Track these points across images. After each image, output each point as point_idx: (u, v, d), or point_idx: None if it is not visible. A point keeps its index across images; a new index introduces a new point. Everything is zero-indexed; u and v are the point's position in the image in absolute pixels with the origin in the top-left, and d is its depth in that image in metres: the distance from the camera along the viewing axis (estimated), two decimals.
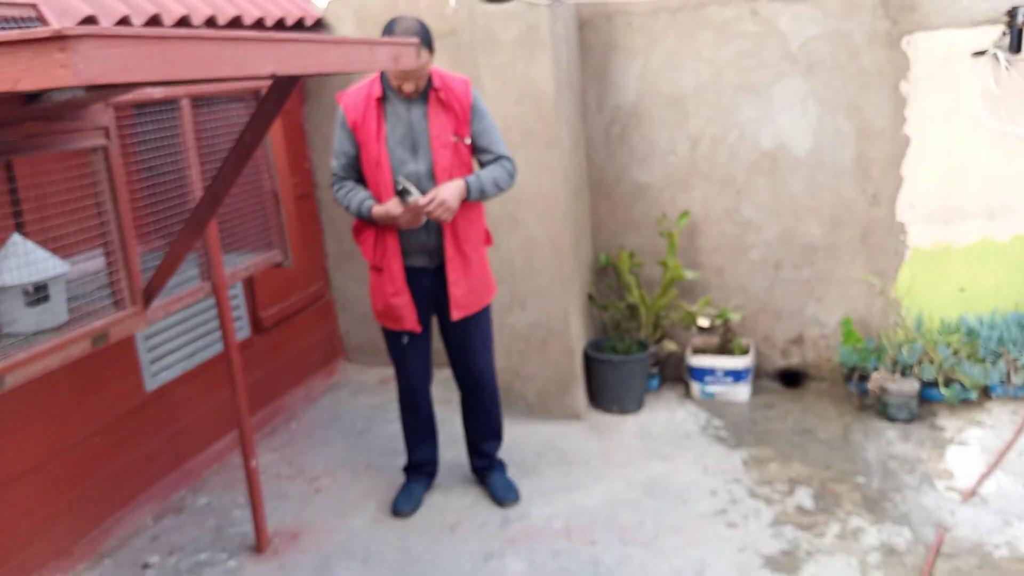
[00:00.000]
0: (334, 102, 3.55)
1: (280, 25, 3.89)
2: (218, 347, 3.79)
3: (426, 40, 2.70)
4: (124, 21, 2.90)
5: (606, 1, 3.95)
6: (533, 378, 3.91)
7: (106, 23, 2.81)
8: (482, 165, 2.99)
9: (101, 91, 1.98)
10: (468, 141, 2.91)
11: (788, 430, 3.68)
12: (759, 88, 3.88)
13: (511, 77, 3.59)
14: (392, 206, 2.78)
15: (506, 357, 3.92)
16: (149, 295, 2.43)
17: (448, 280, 2.93)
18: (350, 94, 2.89)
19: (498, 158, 2.97)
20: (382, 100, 2.85)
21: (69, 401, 3.04)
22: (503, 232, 3.78)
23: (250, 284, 4.04)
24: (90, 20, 2.75)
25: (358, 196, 2.89)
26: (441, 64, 4.06)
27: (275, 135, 3.13)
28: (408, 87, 2.75)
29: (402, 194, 2.73)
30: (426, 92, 2.84)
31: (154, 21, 3.06)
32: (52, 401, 2.96)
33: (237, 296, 3.95)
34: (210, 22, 3.41)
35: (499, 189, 2.94)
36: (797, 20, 3.78)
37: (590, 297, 4.14)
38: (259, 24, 3.72)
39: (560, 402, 3.90)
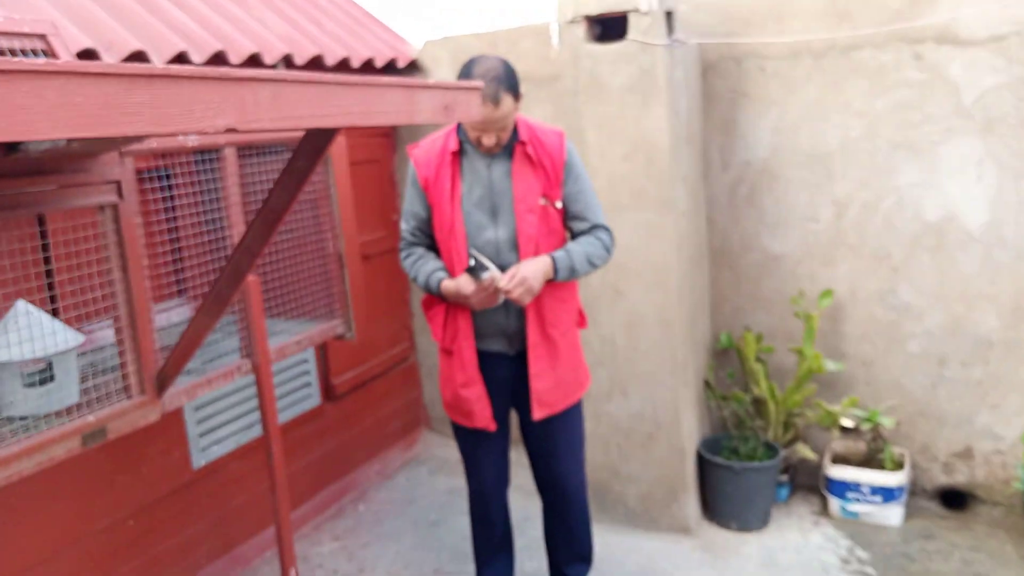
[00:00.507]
0: None
1: (368, 67, 3.55)
2: (279, 418, 3.41)
3: (509, 84, 2.23)
4: (180, 58, 2.58)
5: (735, 42, 3.39)
6: (634, 480, 3.32)
7: (157, 61, 2.49)
8: (573, 235, 2.49)
9: (94, 141, 1.61)
10: (559, 205, 2.42)
11: (954, 573, 2.93)
12: (923, 147, 3.21)
13: (620, 129, 3.08)
14: (463, 283, 2.31)
15: (603, 453, 3.35)
16: (164, 380, 2.03)
17: (530, 372, 2.42)
18: (423, 147, 2.46)
19: (593, 228, 2.46)
20: (459, 154, 2.40)
21: (99, 479, 2.70)
22: (604, 306, 3.24)
23: (323, 347, 3.66)
24: (138, 56, 2.44)
25: (427, 267, 2.44)
26: (542, 115, 3.61)
27: (344, 189, 2.73)
28: (487, 140, 2.28)
29: (473, 270, 2.25)
30: (511, 146, 2.38)
31: (218, 59, 2.75)
32: (77, 478, 2.62)
33: (307, 361, 3.58)
34: (287, 61, 3.09)
35: (592, 267, 2.43)
36: (972, 67, 3.10)
37: (707, 385, 3.53)
38: (343, 65, 3.38)
39: (666, 511, 3.29)
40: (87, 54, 2.29)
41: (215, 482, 3.14)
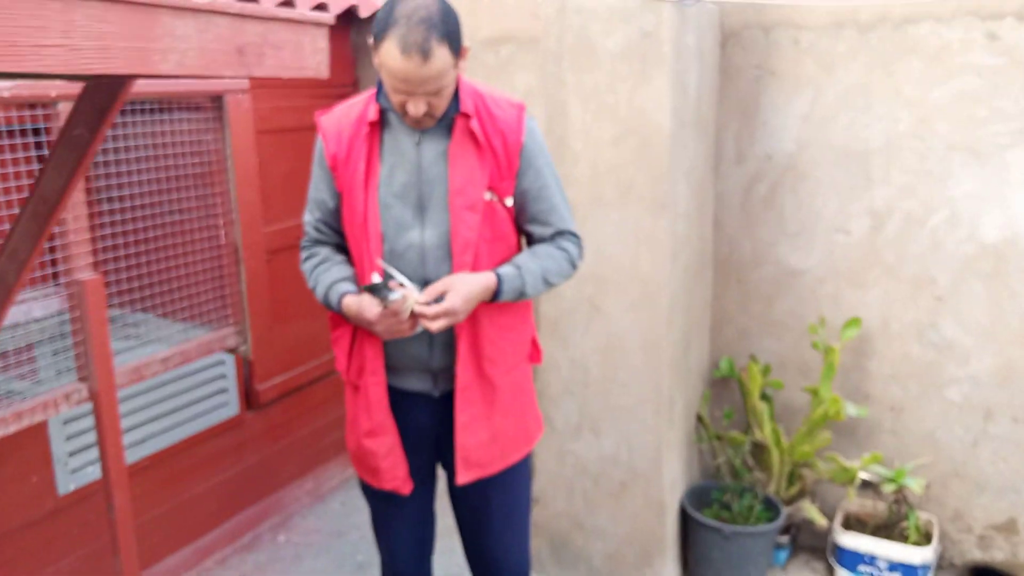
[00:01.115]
0: None
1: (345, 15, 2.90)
2: (178, 432, 2.83)
3: (446, 30, 1.60)
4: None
5: (765, 2, 2.74)
6: (601, 534, 2.74)
7: None
8: (530, 241, 1.88)
9: None
10: (509, 203, 1.80)
11: None
12: (987, 151, 2.57)
13: (609, 105, 2.45)
14: (365, 305, 1.70)
15: (566, 500, 2.76)
16: None
17: (456, 422, 1.82)
18: (335, 114, 1.84)
19: (558, 234, 1.85)
20: (379, 126, 1.78)
21: None
22: (577, 324, 2.63)
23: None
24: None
25: (328, 275, 1.83)
26: (525, 85, 2.99)
27: (245, 162, 2.12)
28: (414, 109, 1.65)
29: (377, 289, 1.64)
30: (450, 119, 1.76)
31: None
32: None
33: (223, 362, 2.98)
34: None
35: (548, 286, 1.83)
36: None
37: (699, 420, 2.93)
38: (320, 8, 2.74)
39: (638, 574, 2.71)
40: None
41: (89, 510, 2.57)
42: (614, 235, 2.52)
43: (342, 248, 1.90)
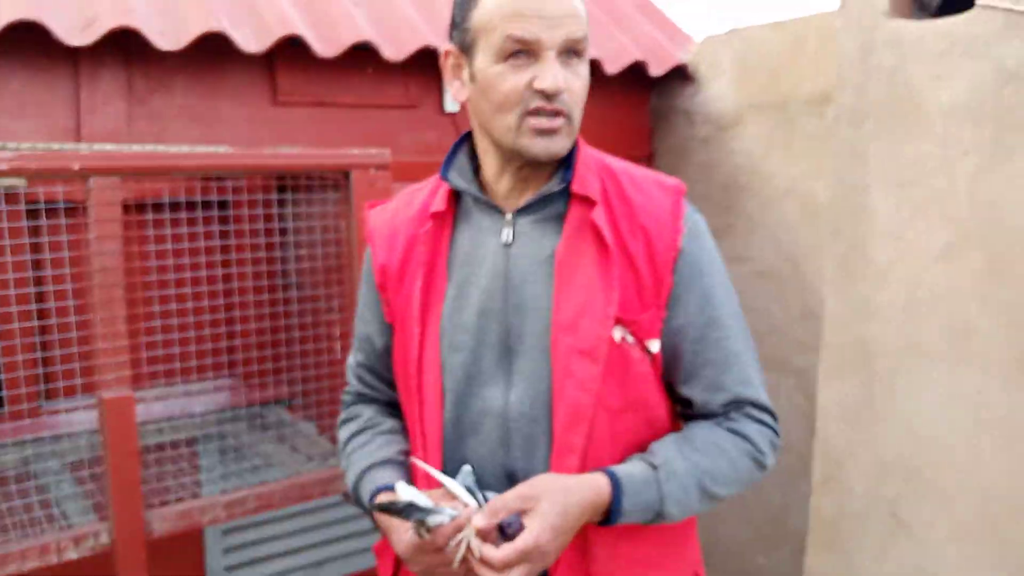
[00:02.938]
0: None
1: (636, 72, 2.35)
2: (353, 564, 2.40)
3: None
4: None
5: None
6: None
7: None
8: (686, 415, 1.08)
9: None
10: (655, 347, 1.02)
11: None
12: None
13: (939, 194, 1.49)
14: (394, 527, 1.03)
15: None
16: None
17: None
18: (390, 208, 1.19)
19: (732, 406, 1.04)
20: (449, 221, 1.12)
21: None
22: (867, 540, 1.64)
23: None
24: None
25: (364, 452, 1.17)
26: (809, 167, 2.12)
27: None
28: (552, 78, 0.93)
29: (403, 512, 0.96)
30: (561, 199, 1.05)
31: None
32: None
33: None
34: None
35: (710, 499, 1.02)
36: None
37: None
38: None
39: None
40: None
41: None
42: (939, 408, 1.52)
43: (393, 407, 1.24)
